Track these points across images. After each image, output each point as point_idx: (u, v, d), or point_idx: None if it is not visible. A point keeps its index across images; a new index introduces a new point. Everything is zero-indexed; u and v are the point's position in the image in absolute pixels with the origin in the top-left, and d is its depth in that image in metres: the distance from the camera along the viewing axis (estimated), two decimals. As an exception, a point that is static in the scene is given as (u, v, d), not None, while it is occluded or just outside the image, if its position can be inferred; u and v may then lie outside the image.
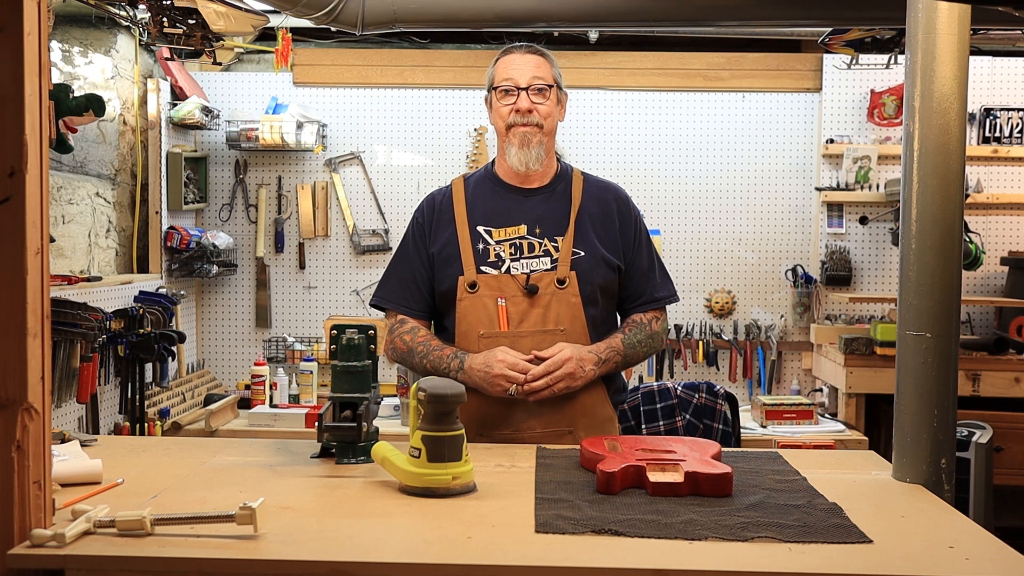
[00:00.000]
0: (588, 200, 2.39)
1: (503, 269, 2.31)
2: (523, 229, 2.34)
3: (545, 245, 2.33)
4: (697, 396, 3.39)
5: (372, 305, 2.48)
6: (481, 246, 2.33)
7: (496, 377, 2.20)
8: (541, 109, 2.33)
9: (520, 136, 2.32)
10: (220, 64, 4.56)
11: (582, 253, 2.33)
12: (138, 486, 1.79)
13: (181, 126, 4.46)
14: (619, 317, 2.49)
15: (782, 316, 4.65)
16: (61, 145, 2.28)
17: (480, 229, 2.35)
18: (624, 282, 2.41)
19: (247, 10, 3.60)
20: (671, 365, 4.64)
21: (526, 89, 2.32)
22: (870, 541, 1.52)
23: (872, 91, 4.49)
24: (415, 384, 1.83)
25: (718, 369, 4.63)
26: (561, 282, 2.30)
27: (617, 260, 2.37)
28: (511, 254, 2.32)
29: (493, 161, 2.48)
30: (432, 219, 2.39)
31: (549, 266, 2.31)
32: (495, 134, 2.43)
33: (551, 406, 2.28)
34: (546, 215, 2.36)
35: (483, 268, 2.31)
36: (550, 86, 2.35)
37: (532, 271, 2.31)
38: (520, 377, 2.19)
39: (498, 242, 2.33)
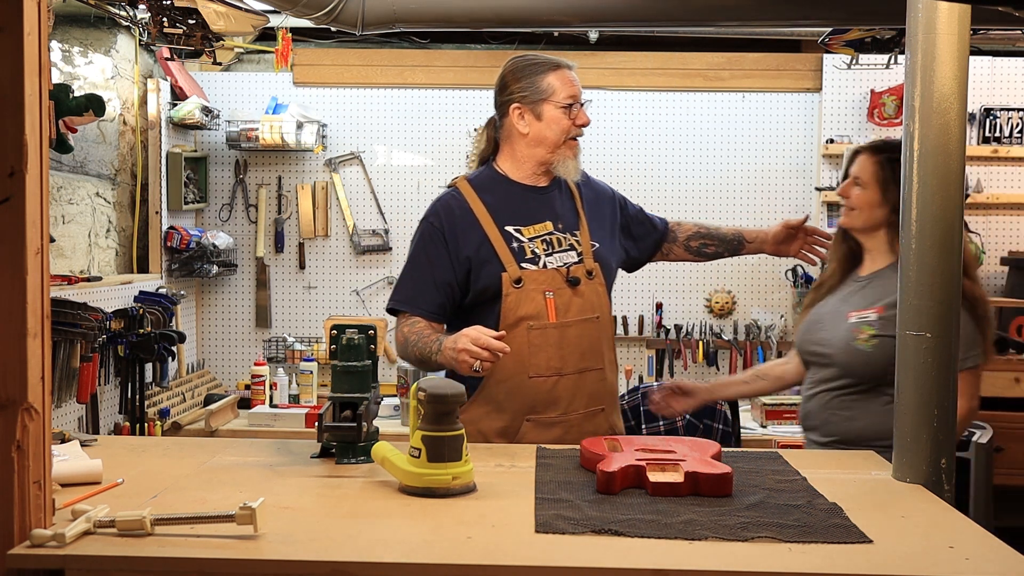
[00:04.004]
0: (583, 194, 2.56)
1: (541, 264, 2.40)
2: (549, 225, 2.45)
3: (569, 239, 2.45)
4: (697, 396, 3.38)
5: (388, 310, 2.47)
6: (515, 244, 2.40)
7: (460, 352, 2.15)
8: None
9: (575, 149, 2.49)
10: (220, 64, 4.56)
11: (597, 245, 2.49)
12: (138, 486, 1.79)
13: (181, 126, 4.46)
14: (672, 249, 2.74)
15: (782, 316, 4.65)
16: (61, 145, 2.28)
17: (509, 228, 2.41)
18: (643, 234, 2.68)
19: (247, 10, 3.60)
20: (671, 365, 4.64)
21: (583, 104, 2.49)
22: (870, 541, 1.52)
23: (872, 91, 4.49)
24: (415, 384, 1.83)
25: (718, 369, 4.63)
26: (590, 273, 2.44)
27: (623, 242, 2.61)
28: (544, 250, 2.42)
29: (490, 162, 2.52)
30: (452, 224, 2.41)
31: (576, 259, 2.44)
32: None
33: (589, 388, 2.41)
34: (562, 212, 2.49)
35: (523, 264, 2.39)
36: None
37: (566, 264, 2.42)
38: (484, 353, 2.11)
39: (530, 239, 2.42)
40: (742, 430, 3.64)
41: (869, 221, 2.43)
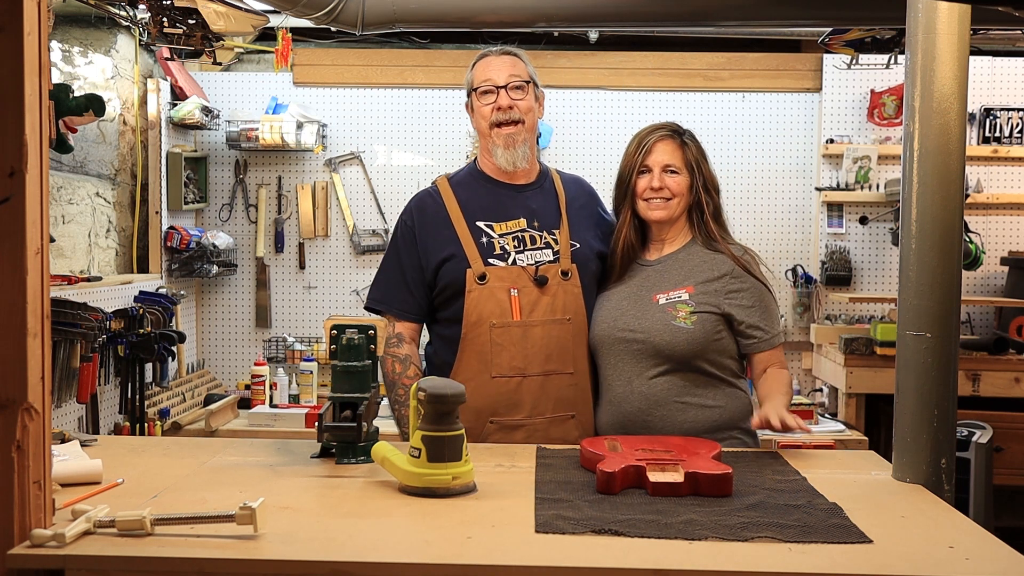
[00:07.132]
0: (570, 194, 2.49)
1: (510, 261, 2.36)
2: (523, 222, 2.41)
3: (545, 238, 2.40)
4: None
5: (367, 308, 2.49)
6: (484, 240, 2.37)
7: None
8: (521, 105, 2.40)
9: (504, 137, 2.39)
10: (220, 64, 4.56)
11: (578, 245, 2.41)
12: (138, 486, 1.79)
13: (181, 126, 4.46)
14: None
15: (782, 316, 4.65)
16: (61, 145, 2.28)
17: (480, 224, 2.39)
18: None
19: (247, 10, 3.60)
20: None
21: (504, 87, 2.39)
22: (870, 541, 1.52)
23: (872, 91, 4.49)
24: (415, 384, 1.83)
25: (718, 369, 4.62)
26: (565, 273, 2.37)
27: (605, 250, 2.47)
28: (515, 247, 2.38)
29: (475, 160, 2.53)
30: (423, 222, 2.41)
31: (552, 258, 2.38)
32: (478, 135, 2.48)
33: (556, 392, 2.33)
34: (540, 209, 2.43)
35: (490, 260, 2.35)
36: (527, 82, 2.42)
37: (538, 263, 2.37)
38: None
39: (501, 235, 2.38)
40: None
41: (683, 206, 2.36)
